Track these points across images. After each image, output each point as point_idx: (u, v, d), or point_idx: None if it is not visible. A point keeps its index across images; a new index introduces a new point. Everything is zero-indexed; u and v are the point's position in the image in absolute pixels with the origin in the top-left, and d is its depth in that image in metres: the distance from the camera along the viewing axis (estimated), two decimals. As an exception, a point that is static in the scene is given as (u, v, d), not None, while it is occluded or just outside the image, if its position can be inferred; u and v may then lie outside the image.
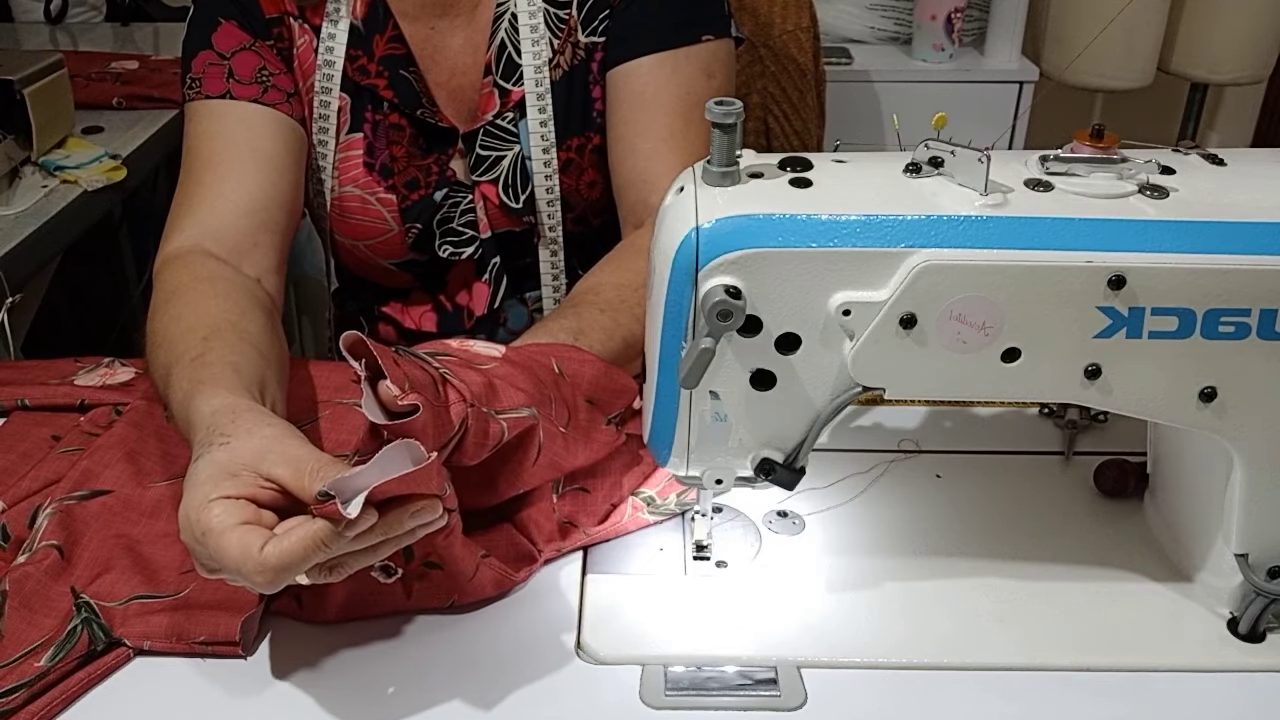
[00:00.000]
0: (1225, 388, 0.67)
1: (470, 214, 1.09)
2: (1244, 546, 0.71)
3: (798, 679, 0.69)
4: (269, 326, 0.88)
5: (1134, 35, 2.13)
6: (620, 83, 1.04)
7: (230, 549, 0.60)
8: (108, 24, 2.15)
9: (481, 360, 0.75)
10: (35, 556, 0.74)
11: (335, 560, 0.62)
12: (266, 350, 0.83)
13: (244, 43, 1.02)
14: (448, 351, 0.75)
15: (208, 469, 0.64)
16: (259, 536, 0.60)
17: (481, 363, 0.75)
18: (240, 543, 0.60)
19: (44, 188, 1.39)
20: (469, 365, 0.74)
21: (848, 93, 2.10)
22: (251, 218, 0.97)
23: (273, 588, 0.61)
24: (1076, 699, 0.68)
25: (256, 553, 0.59)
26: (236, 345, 0.80)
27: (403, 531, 0.62)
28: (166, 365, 0.79)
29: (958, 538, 0.80)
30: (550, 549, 0.78)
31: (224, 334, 0.81)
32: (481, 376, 0.73)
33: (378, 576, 0.70)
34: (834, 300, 0.65)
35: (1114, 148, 0.67)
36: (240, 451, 0.65)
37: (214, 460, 0.65)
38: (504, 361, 0.76)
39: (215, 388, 0.73)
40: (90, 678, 0.68)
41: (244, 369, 0.77)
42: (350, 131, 1.06)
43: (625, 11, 1.03)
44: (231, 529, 0.60)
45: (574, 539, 0.79)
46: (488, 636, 0.72)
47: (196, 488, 0.63)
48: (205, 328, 0.82)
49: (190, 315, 0.84)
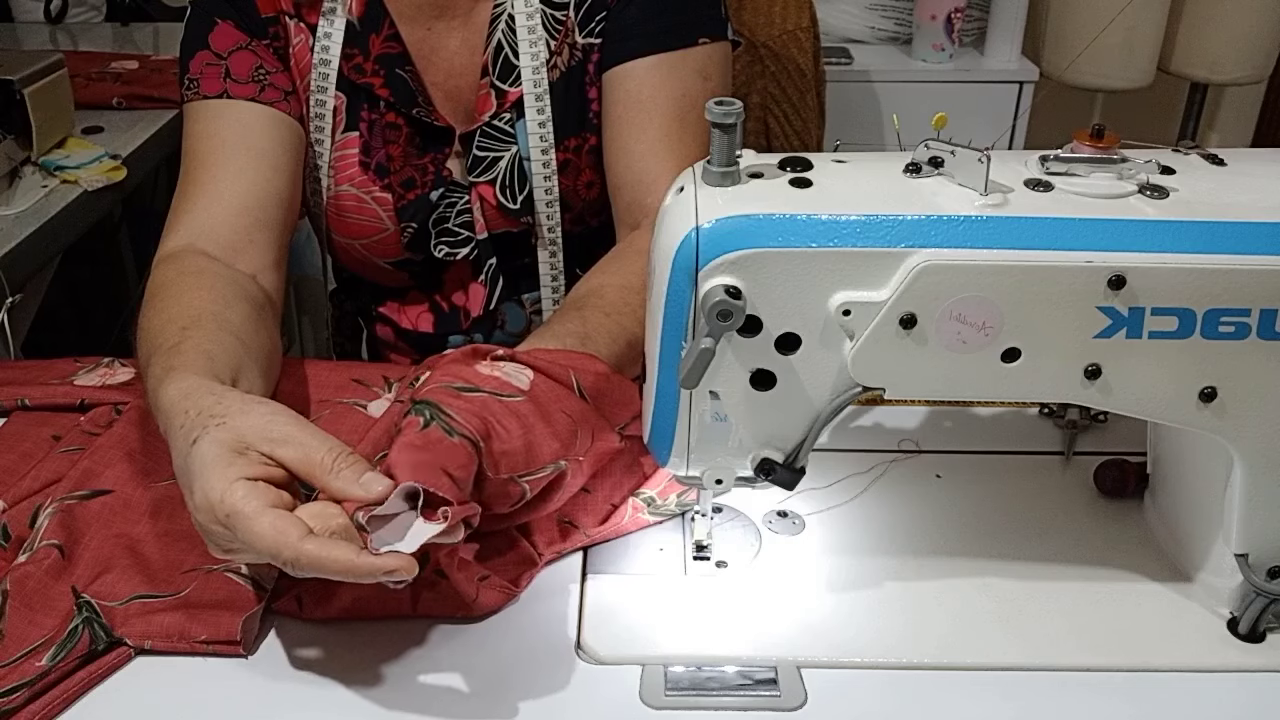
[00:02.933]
0: (1225, 388, 0.67)
1: (466, 214, 1.09)
2: (1244, 546, 0.71)
3: (798, 679, 0.69)
4: (254, 317, 0.88)
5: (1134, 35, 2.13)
6: (616, 84, 1.04)
7: (265, 533, 0.61)
8: (108, 24, 2.15)
9: (511, 391, 0.74)
10: (36, 556, 0.74)
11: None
12: (249, 340, 0.83)
13: (241, 42, 1.02)
14: (480, 387, 0.73)
15: (214, 449, 0.65)
16: (294, 525, 0.62)
17: (511, 394, 0.74)
18: (274, 528, 0.61)
19: (44, 188, 1.39)
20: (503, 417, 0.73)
21: (848, 93, 2.10)
22: (246, 215, 0.97)
23: (301, 575, 0.62)
24: (1076, 699, 0.68)
25: (295, 541, 0.61)
26: (215, 334, 0.81)
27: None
28: (146, 357, 0.80)
29: (958, 538, 0.80)
30: (551, 551, 0.78)
31: (204, 324, 0.82)
32: (521, 437, 0.72)
33: (386, 581, 0.70)
34: (834, 300, 0.65)
35: (1114, 148, 0.67)
36: (241, 429, 0.66)
37: (218, 440, 0.65)
38: (531, 400, 0.74)
39: (184, 372, 0.74)
40: (91, 677, 0.68)
41: (218, 356, 0.78)
42: (346, 130, 1.06)
43: (622, 13, 1.03)
44: (263, 513, 0.62)
45: (574, 540, 0.79)
46: (488, 636, 0.72)
47: (211, 470, 0.64)
48: (185, 318, 0.82)
49: (173, 307, 0.84)
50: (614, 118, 1.04)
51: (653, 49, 1.02)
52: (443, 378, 0.74)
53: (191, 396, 0.70)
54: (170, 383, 0.73)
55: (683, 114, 1.02)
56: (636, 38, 1.03)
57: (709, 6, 1.05)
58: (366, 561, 0.61)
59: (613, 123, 1.04)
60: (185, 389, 0.71)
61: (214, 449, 0.65)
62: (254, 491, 0.63)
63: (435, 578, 0.72)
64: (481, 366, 0.76)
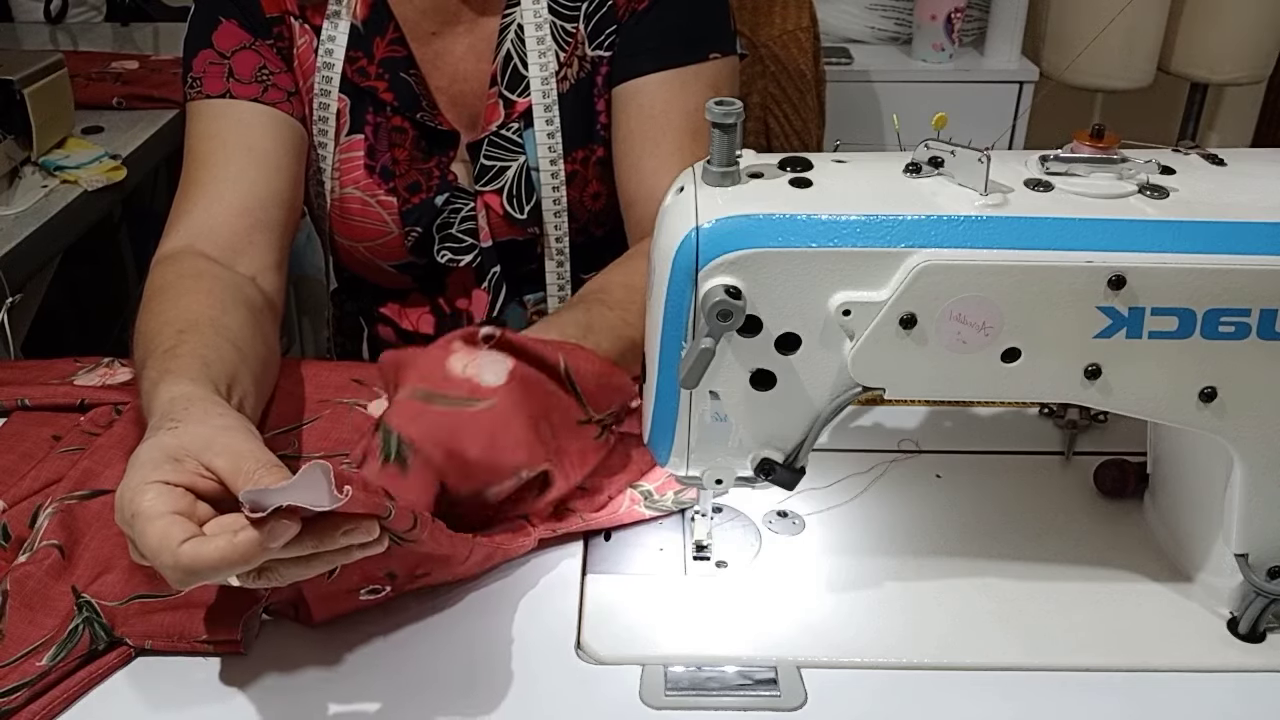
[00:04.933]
0: (1225, 388, 0.67)
1: (471, 221, 1.09)
2: (1244, 546, 0.71)
3: (798, 679, 0.69)
4: (252, 324, 0.87)
5: (1134, 35, 2.13)
6: (627, 99, 1.04)
7: (151, 536, 0.58)
8: (108, 24, 2.15)
9: (481, 396, 0.73)
10: (36, 556, 0.74)
11: (265, 566, 0.60)
12: (245, 347, 0.83)
13: (244, 42, 1.02)
14: (449, 395, 0.72)
15: (150, 452, 0.63)
16: (182, 530, 0.58)
17: (479, 400, 0.73)
18: (161, 532, 0.58)
19: (44, 188, 1.39)
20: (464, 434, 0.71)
21: (848, 93, 2.10)
22: (246, 216, 0.97)
23: (183, 586, 0.59)
24: (1076, 699, 0.68)
25: (174, 545, 0.58)
26: (211, 340, 0.80)
27: (336, 548, 0.61)
28: (142, 359, 0.80)
29: (958, 538, 0.80)
30: (545, 527, 0.77)
31: (201, 329, 0.81)
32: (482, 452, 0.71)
33: (366, 598, 0.70)
34: (834, 300, 0.65)
35: (1114, 148, 0.67)
36: (186, 438, 0.64)
37: (159, 444, 0.64)
38: (503, 397, 0.73)
39: (178, 378, 0.73)
40: (91, 677, 0.68)
41: (214, 363, 0.77)
42: (351, 133, 1.06)
43: (634, 28, 1.03)
44: (158, 516, 0.59)
45: (570, 522, 0.79)
46: (488, 636, 0.72)
47: (136, 469, 0.62)
48: (182, 322, 0.82)
49: (170, 310, 0.84)
50: (625, 133, 1.04)
51: (664, 65, 1.02)
52: (413, 379, 0.74)
53: (175, 402, 0.69)
54: (164, 387, 0.72)
55: (695, 129, 1.02)
56: (648, 53, 1.03)
57: (719, 22, 1.05)
58: (243, 539, 0.57)
59: (624, 138, 1.04)
60: (174, 395, 0.70)
61: (151, 452, 0.63)
62: (163, 495, 0.60)
63: (415, 578, 0.72)
64: (454, 363, 0.74)
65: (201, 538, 0.58)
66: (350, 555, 0.62)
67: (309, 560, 0.61)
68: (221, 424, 0.67)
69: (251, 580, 0.61)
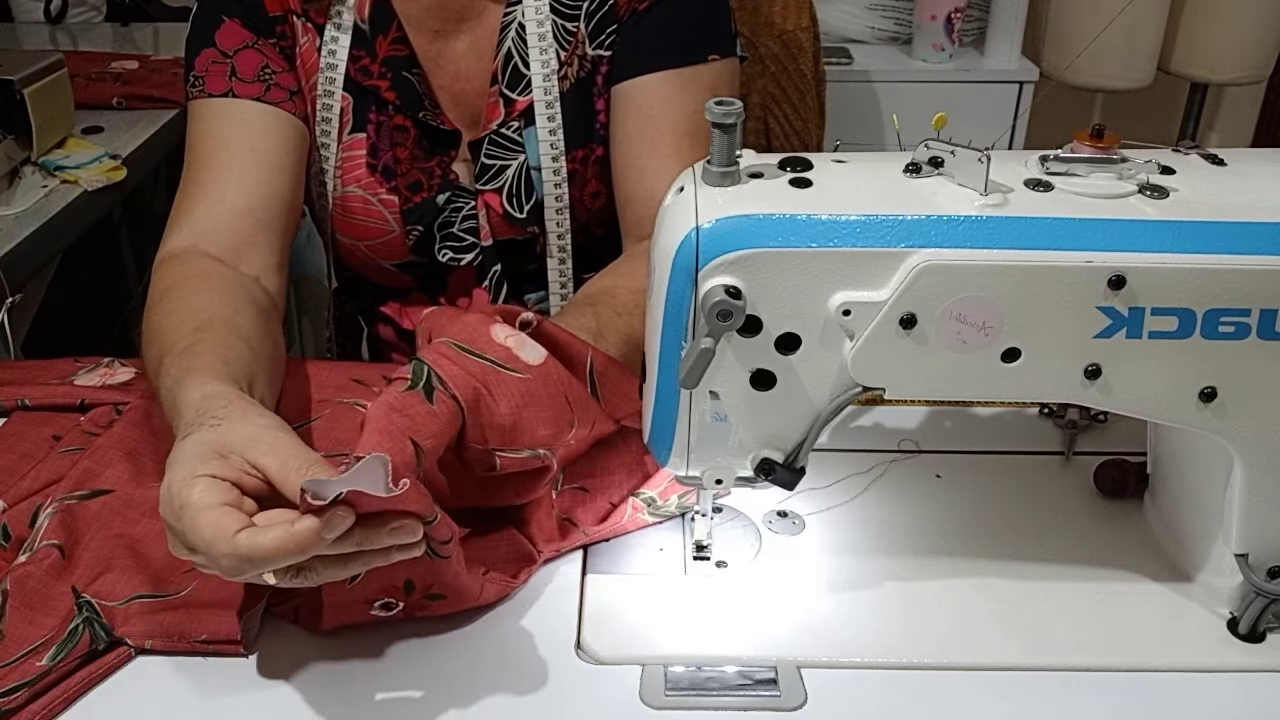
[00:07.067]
0: (1225, 388, 0.67)
1: (471, 220, 1.09)
2: (1244, 546, 0.71)
3: (798, 679, 0.69)
4: (262, 324, 0.88)
5: (1134, 35, 2.13)
6: (626, 99, 1.04)
7: (204, 526, 0.59)
8: (108, 24, 2.15)
9: (516, 366, 0.74)
10: (36, 556, 0.74)
11: (305, 564, 0.61)
12: (258, 347, 0.83)
13: (247, 41, 1.02)
14: (485, 354, 0.74)
15: (196, 447, 0.64)
16: (235, 520, 0.59)
17: (515, 369, 0.74)
18: (215, 523, 0.59)
19: (44, 188, 1.39)
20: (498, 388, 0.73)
21: (848, 93, 2.10)
22: (249, 216, 0.97)
23: (236, 575, 0.60)
24: (1076, 699, 0.68)
25: (230, 535, 0.58)
26: (227, 339, 0.81)
27: (379, 548, 0.61)
28: (158, 357, 0.80)
29: (958, 538, 0.80)
30: (550, 549, 0.78)
31: (215, 328, 0.82)
32: (510, 414, 0.73)
33: (378, 613, 0.70)
34: (834, 300, 0.65)
35: (1114, 148, 0.67)
36: (231, 435, 0.65)
37: (203, 439, 0.64)
38: (536, 378, 0.74)
39: (205, 376, 0.74)
40: (91, 677, 0.68)
41: (233, 362, 0.78)
42: (353, 131, 1.06)
43: (635, 27, 1.03)
44: (210, 507, 0.60)
45: (573, 538, 0.79)
46: (488, 636, 0.72)
47: (182, 463, 0.63)
48: (197, 320, 0.82)
49: (183, 309, 0.84)
50: (624, 133, 1.04)
51: (664, 65, 1.02)
52: (454, 335, 0.75)
53: (210, 399, 0.70)
54: (192, 385, 0.72)
55: (694, 131, 1.02)
56: (648, 53, 1.03)
57: (719, 24, 1.05)
58: (301, 528, 0.58)
59: (623, 138, 1.04)
60: (207, 393, 0.71)
61: (195, 446, 0.64)
62: (213, 488, 0.61)
63: (426, 601, 0.72)
64: (497, 331, 0.76)
65: (257, 527, 0.59)
66: (390, 556, 0.63)
67: (348, 560, 0.62)
68: (264, 423, 0.68)
69: (289, 579, 0.61)
